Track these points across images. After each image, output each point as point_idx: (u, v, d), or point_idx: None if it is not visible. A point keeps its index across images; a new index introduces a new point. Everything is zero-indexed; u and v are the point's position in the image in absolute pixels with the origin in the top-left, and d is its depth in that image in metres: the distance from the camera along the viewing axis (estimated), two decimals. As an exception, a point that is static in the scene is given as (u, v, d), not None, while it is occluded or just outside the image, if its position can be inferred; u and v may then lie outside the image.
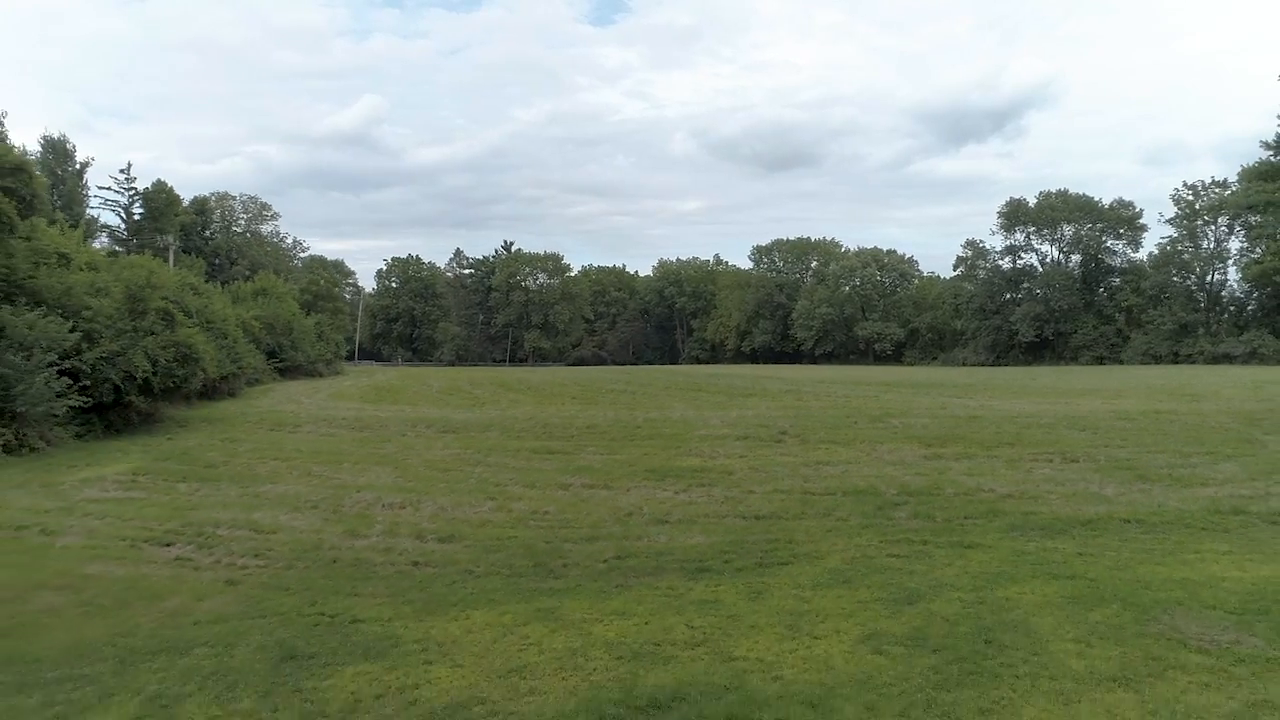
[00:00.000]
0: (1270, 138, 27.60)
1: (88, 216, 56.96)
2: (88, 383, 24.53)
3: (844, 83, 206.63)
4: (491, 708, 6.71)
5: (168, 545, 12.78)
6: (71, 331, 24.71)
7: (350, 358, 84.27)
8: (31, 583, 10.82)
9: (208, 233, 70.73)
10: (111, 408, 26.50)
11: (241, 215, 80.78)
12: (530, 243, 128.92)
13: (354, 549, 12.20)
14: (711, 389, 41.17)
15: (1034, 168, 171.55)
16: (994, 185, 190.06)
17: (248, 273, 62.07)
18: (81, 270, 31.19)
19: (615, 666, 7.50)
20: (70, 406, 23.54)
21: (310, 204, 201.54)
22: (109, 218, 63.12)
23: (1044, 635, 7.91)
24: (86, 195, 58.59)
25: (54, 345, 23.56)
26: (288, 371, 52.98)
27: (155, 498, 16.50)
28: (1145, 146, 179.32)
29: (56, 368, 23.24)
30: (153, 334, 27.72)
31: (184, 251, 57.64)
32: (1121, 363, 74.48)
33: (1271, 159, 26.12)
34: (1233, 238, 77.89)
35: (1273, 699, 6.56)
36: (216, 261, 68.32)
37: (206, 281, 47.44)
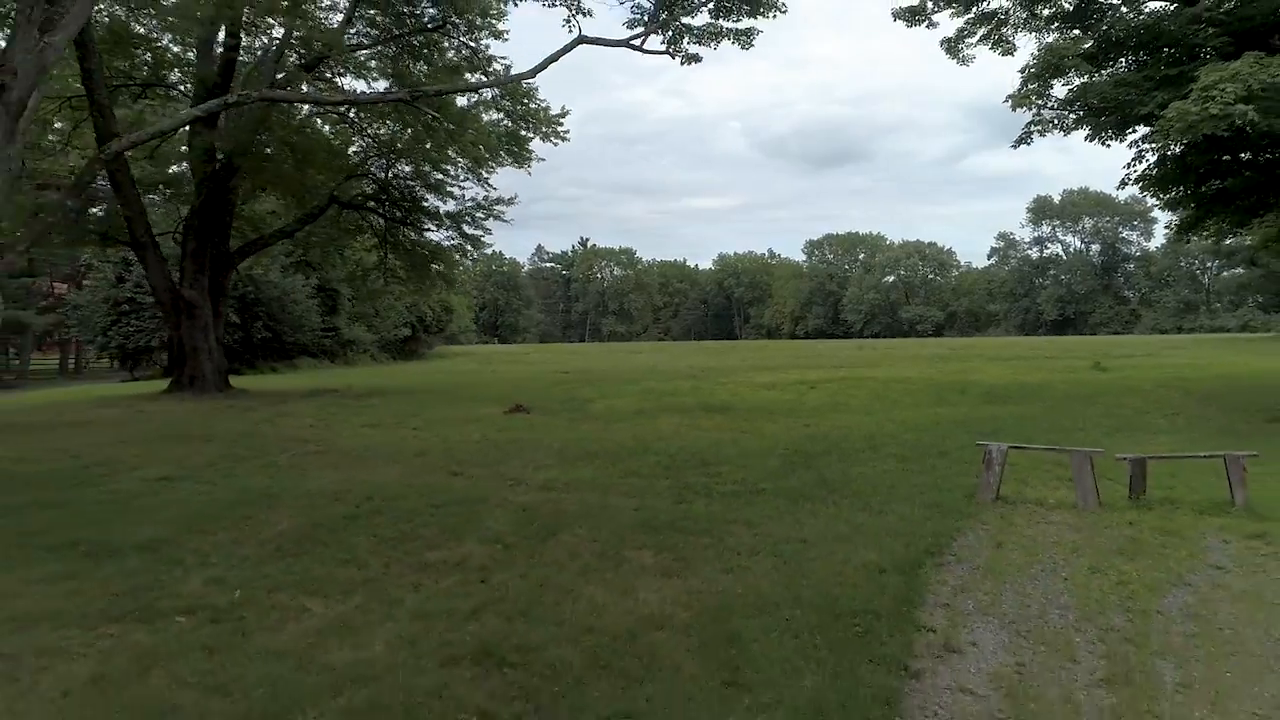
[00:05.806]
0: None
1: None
2: (404, 321, 37.99)
3: (886, 77, 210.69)
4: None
5: (565, 371, 25.73)
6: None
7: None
8: (536, 374, 23.89)
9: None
10: (405, 341, 39.98)
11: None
12: (565, 244, 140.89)
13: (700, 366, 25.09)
14: (796, 346, 54.11)
15: (1085, 160, 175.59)
16: (1044, 181, 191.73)
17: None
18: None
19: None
20: (404, 336, 37.10)
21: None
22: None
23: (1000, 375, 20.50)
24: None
25: (388, 294, 36.97)
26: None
27: (518, 367, 29.55)
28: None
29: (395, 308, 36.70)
30: (425, 293, 41.07)
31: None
32: (1133, 334, 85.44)
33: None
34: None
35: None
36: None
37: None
